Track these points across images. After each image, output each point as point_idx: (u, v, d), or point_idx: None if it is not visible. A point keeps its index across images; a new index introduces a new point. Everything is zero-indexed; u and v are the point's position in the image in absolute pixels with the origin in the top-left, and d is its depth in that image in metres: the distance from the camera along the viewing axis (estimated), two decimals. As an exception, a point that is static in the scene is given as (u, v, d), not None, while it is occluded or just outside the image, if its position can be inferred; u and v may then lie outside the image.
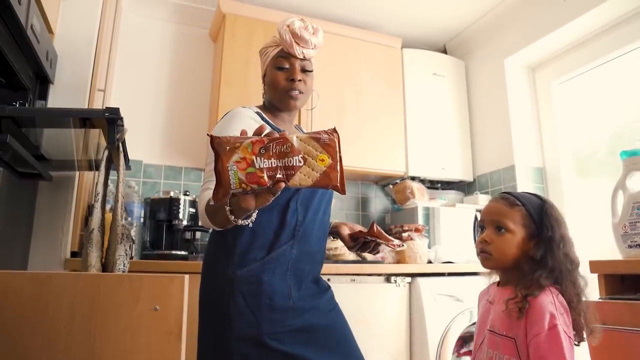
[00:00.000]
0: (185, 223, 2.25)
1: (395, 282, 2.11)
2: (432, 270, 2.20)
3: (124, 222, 1.17)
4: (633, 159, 1.58)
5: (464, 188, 2.99)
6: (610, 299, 1.40)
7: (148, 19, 2.68)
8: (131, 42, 2.59)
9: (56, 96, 1.62)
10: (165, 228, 2.26)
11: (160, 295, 0.85)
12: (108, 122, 1.13)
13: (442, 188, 3.01)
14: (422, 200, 2.67)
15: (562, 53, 2.54)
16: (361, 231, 1.28)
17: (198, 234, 2.41)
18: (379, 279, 2.11)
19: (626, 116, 2.22)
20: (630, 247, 1.52)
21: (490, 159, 2.81)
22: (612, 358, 1.28)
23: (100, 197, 1.17)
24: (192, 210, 2.27)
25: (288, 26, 1.20)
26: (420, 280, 2.12)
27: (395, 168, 2.69)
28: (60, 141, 1.38)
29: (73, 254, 1.69)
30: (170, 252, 2.18)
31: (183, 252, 2.21)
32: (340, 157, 0.77)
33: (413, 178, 2.78)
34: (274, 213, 1.13)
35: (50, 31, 1.59)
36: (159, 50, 2.69)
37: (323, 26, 2.59)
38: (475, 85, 3.00)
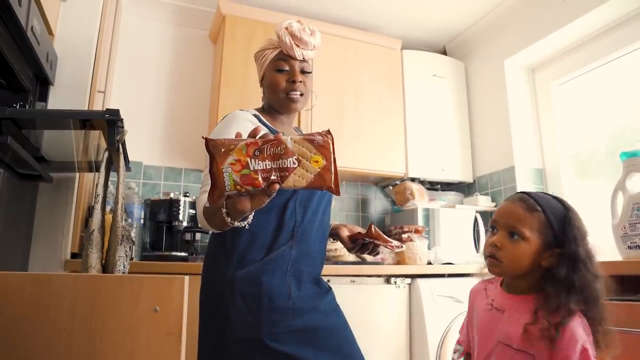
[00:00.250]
0: (185, 224, 2.25)
1: (395, 283, 2.11)
2: (432, 271, 2.21)
3: (124, 224, 1.17)
4: (633, 160, 1.58)
5: (464, 189, 2.99)
6: (609, 300, 1.40)
7: (148, 21, 2.68)
8: (131, 44, 2.60)
9: (56, 98, 1.63)
10: (165, 229, 2.26)
11: (160, 296, 0.86)
12: (108, 124, 1.13)
13: (442, 189, 3.01)
14: (422, 201, 2.67)
15: (562, 54, 2.55)
16: (360, 233, 1.28)
17: (198, 235, 2.41)
18: (379, 280, 2.11)
19: (626, 117, 2.22)
20: (630, 248, 1.53)
21: (490, 160, 2.82)
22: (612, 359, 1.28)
23: (100, 199, 1.17)
24: (192, 211, 2.27)
25: (287, 28, 1.20)
26: (420, 281, 2.13)
27: (395, 169, 2.69)
28: (60, 143, 1.39)
29: (73, 255, 1.69)
30: (170, 254, 2.18)
31: (183, 254, 2.21)
32: (334, 159, 0.77)
33: (413, 179, 2.78)
34: (273, 214, 1.13)
35: (50, 33, 1.59)
36: (159, 51, 2.69)
37: (323, 27, 2.63)
38: (475, 86, 3.01)
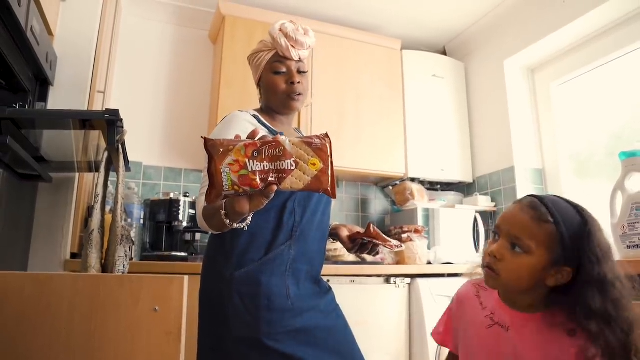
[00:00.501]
0: (185, 224, 2.24)
1: (394, 283, 2.12)
2: (432, 271, 2.21)
3: (124, 224, 1.17)
4: (632, 160, 1.58)
5: (464, 189, 2.99)
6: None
7: (147, 21, 2.69)
8: (131, 44, 2.60)
9: (56, 98, 1.63)
10: (165, 229, 2.26)
11: (159, 296, 0.86)
12: (108, 124, 1.13)
13: (442, 189, 3.01)
14: (422, 201, 2.67)
15: (562, 55, 2.55)
16: (359, 232, 1.28)
17: (198, 236, 2.41)
18: (379, 280, 2.11)
19: (625, 118, 2.22)
20: (629, 248, 1.52)
21: (489, 161, 2.82)
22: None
23: (100, 199, 1.17)
24: (192, 211, 2.27)
25: (281, 30, 1.21)
26: (419, 281, 2.13)
27: (394, 169, 2.70)
28: (60, 143, 1.39)
29: (73, 256, 1.69)
30: (170, 254, 2.18)
31: (183, 254, 2.21)
32: (331, 162, 0.78)
33: (413, 179, 2.78)
34: (272, 214, 1.13)
35: (50, 33, 1.59)
36: (159, 52, 2.69)
37: (322, 28, 2.64)
38: (474, 86, 3.01)
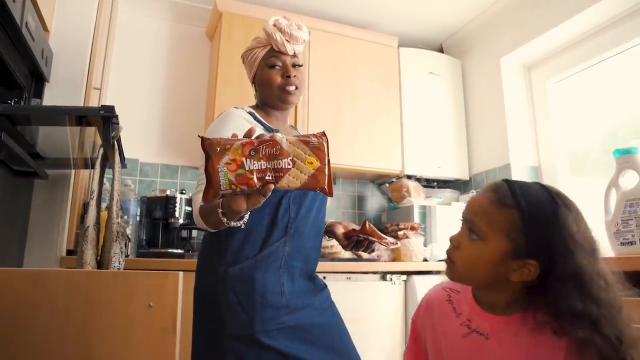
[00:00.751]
0: (181, 221, 2.25)
1: (390, 280, 2.12)
2: (428, 268, 2.22)
3: (120, 220, 1.18)
4: (626, 157, 1.59)
5: (460, 187, 3.00)
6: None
7: (144, 17, 2.68)
8: (127, 41, 2.59)
9: (52, 94, 1.62)
10: (161, 226, 2.26)
11: (154, 292, 0.86)
12: (103, 120, 1.13)
13: (438, 186, 3.02)
14: (418, 198, 2.68)
15: (558, 52, 2.55)
16: (354, 229, 1.28)
17: (194, 233, 2.41)
18: (375, 277, 2.12)
19: (621, 115, 2.23)
20: (622, 245, 1.54)
21: (486, 158, 2.83)
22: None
23: (95, 195, 1.17)
24: (188, 208, 2.27)
25: (275, 25, 1.22)
26: (415, 278, 2.14)
27: (391, 167, 2.70)
28: (55, 139, 1.38)
29: (69, 252, 1.69)
30: (166, 251, 2.18)
31: (179, 251, 2.21)
32: (328, 161, 0.78)
33: (409, 177, 2.78)
34: (266, 210, 1.13)
35: (45, 29, 1.58)
36: (155, 48, 2.69)
37: (319, 25, 2.64)
38: (471, 84, 3.01)
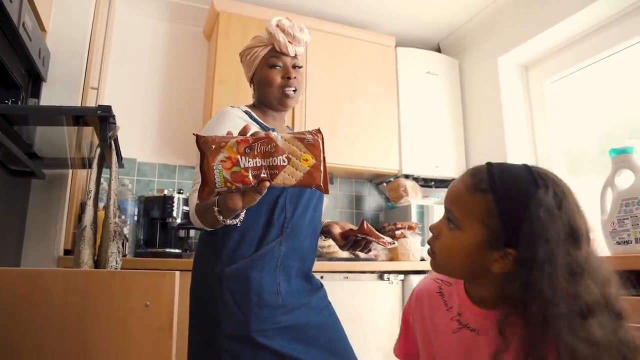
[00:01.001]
0: (179, 221, 2.25)
1: (388, 280, 2.13)
2: (425, 267, 2.22)
3: (117, 220, 1.18)
4: (621, 157, 1.60)
5: (457, 186, 3.00)
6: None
7: (141, 17, 2.68)
8: (124, 40, 2.59)
9: (49, 94, 1.62)
10: (159, 226, 2.26)
11: (151, 291, 0.86)
12: (100, 120, 1.13)
13: (436, 186, 3.02)
14: (416, 198, 2.68)
15: (555, 52, 2.56)
16: (352, 229, 1.28)
17: (192, 232, 2.41)
18: (372, 277, 2.12)
19: (617, 115, 2.24)
20: (618, 244, 1.54)
21: (483, 157, 2.78)
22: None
23: (92, 195, 1.18)
24: (186, 208, 2.27)
25: (278, 26, 1.22)
26: (413, 277, 2.14)
27: (388, 166, 2.71)
28: (53, 139, 1.38)
29: (66, 252, 1.69)
30: (163, 250, 2.18)
31: (177, 250, 2.21)
32: (323, 158, 0.78)
33: (407, 176, 2.79)
34: (262, 210, 1.13)
35: (42, 29, 1.58)
36: (153, 48, 2.69)
37: (317, 25, 2.64)
38: (468, 83, 3.02)
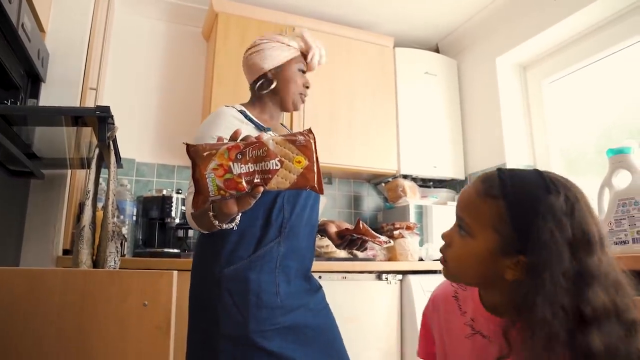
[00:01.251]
0: (177, 221, 2.25)
1: (386, 280, 2.13)
2: (424, 267, 2.22)
3: (115, 220, 1.18)
4: (619, 157, 1.60)
5: (456, 186, 3.01)
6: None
7: (140, 18, 2.68)
8: (123, 41, 2.59)
9: (48, 94, 1.62)
10: (157, 226, 2.27)
11: (149, 290, 0.87)
12: (99, 121, 1.14)
13: (434, 186, 3.03)
14: (414, 198, 2.69)
15: (553, 52, 2.57)
16: (347, 229, 1.29)
17: (190, 232, 2.42)
18: (370, 277, 2.13)
19: (614, 116, 2.25)
20: (615, 244, 1.55)
21: (481, 157, 2.84)
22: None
23: (90, 195, 1.18)
24: (184, 208, 2.27)
25: (318, 47, 1.35)
26: (411, 277, 2.14)
27: (387, 166, 2.71)
28: (52, 139, 1.39)
29: (65, 252, 1.69)
30: (162, 250, 2.19)
31: (175, 250, 2.22)
32: (316, 158, 0.77)
33: (405, 176, 2.79)
34: (260, 211, 1.14)
35: (41, 29, 1.59)
36: (152, 48, 2.69)
37: (315, 25, 2.64)
38: (467, 84, 3.03)
